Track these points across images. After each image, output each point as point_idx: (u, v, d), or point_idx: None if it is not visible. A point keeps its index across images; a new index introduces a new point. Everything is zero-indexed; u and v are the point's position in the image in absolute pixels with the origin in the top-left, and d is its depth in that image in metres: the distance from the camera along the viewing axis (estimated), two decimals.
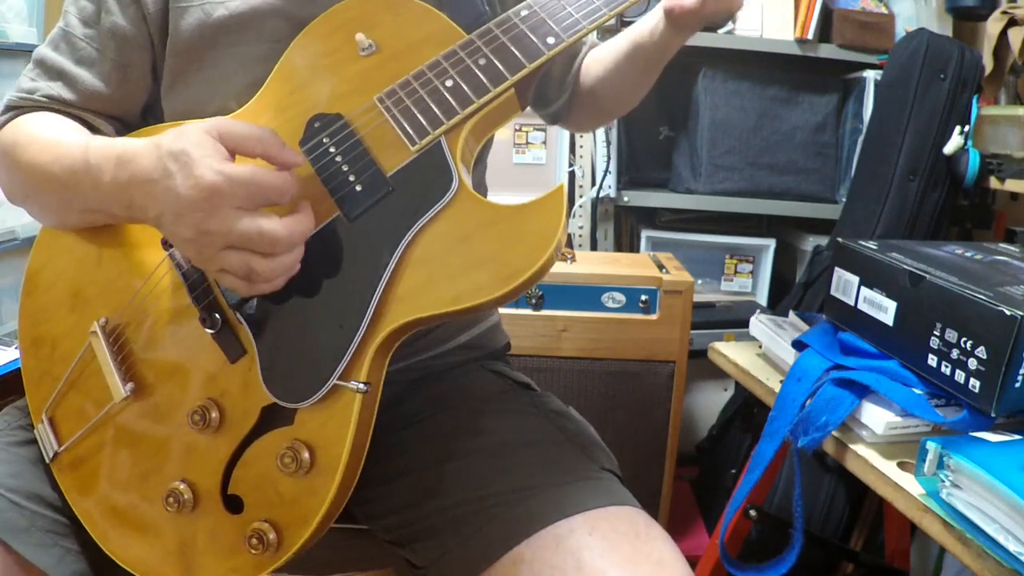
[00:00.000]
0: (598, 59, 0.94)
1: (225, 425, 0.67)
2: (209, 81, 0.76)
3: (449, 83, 0.67)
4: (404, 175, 0.66)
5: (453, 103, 0.66)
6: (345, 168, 0.67)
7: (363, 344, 0.63)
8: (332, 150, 0.68)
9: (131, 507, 0.70)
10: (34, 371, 0.76)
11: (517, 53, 0.67)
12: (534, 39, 0.68)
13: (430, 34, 0.70)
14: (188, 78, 0.76)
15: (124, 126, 0.81)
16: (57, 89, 0.77)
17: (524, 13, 0.69)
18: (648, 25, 0.85)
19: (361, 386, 0.63)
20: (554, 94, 0.97)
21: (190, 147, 0.59)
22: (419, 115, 0.67)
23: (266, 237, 0.59)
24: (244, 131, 0.61)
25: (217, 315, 0.67)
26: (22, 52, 1.51)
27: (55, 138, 0.72)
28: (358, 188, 0.66)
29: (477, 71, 0.67)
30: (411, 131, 0.66)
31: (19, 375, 0.78)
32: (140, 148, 0.64)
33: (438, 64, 0.68)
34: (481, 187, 0.93)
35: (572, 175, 1.90)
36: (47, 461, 0.73)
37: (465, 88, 0.67)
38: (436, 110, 0.66)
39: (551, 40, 0.68)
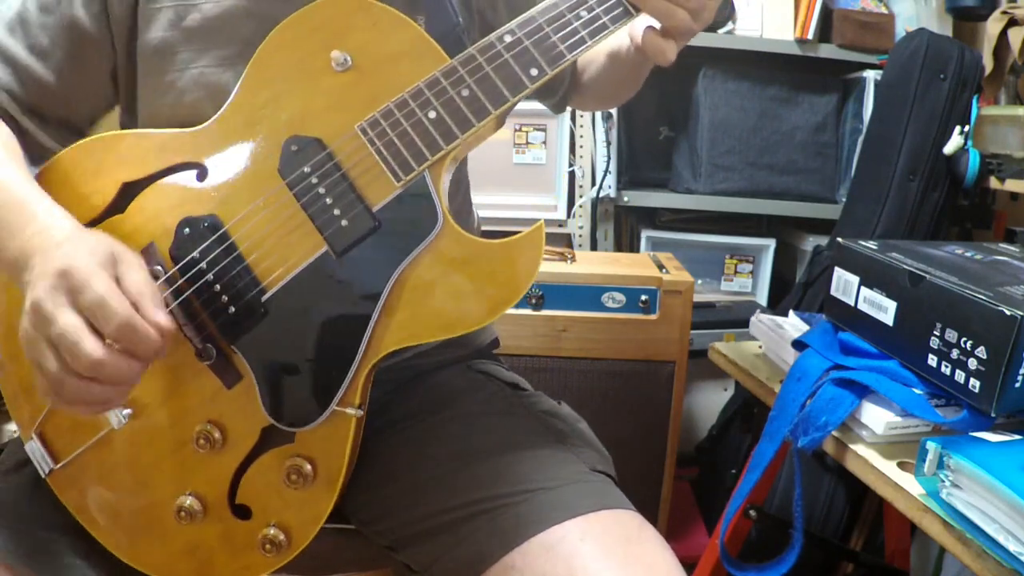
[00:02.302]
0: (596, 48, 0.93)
1: (228, 444, 0.69)
2: (179, 83, 0.74)
3: (432, 115, 0.66)
4: (390, 210, 0.66)
5: (437, 137, 0.66)
6: (330, 201, 0.67)
7: (358, 372, 0.66)
8: (315, 181, 0.67)
9: (139, 516, 0.71)
10: (14, 386, 0.73)
11: (500, 85, 0.66)
12: (517, 70, 0.67)
13: (406, 48, 0.68)
14: (159, 80, 0.75)
15: (71, 132, 0.78)
16: (4, 76, 0.74)
17: (508, 40, 0.67)
18: (622, 40, 0.82)
19: (358, 411, 0.67)
20: (551, 91, 0.96)
21: (96, 239, 0.60)
22: (403, 149, 0.66)
23: (75, 348, 0.55)
24: (136, 278, 0.59)
25: (211, 346, 0.67)
26: None
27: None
28: (344, 223, 0.66)
29: (461, 104, 0.66)
30: (395, 166, 0.66)
31: None
32: (59, 217, 0.63)
33: (421, 94, 0.67)
34: (463, 181, 0.92)
35: (572, 175, 1.90)
36: (43, 476, 0.72)
37: (449, 122, 0.66)
38: (420, 144, 0.66)
39: (534, 72, 0.67)
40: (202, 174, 0.69)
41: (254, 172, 0.68)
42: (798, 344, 0.95)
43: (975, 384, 0.74)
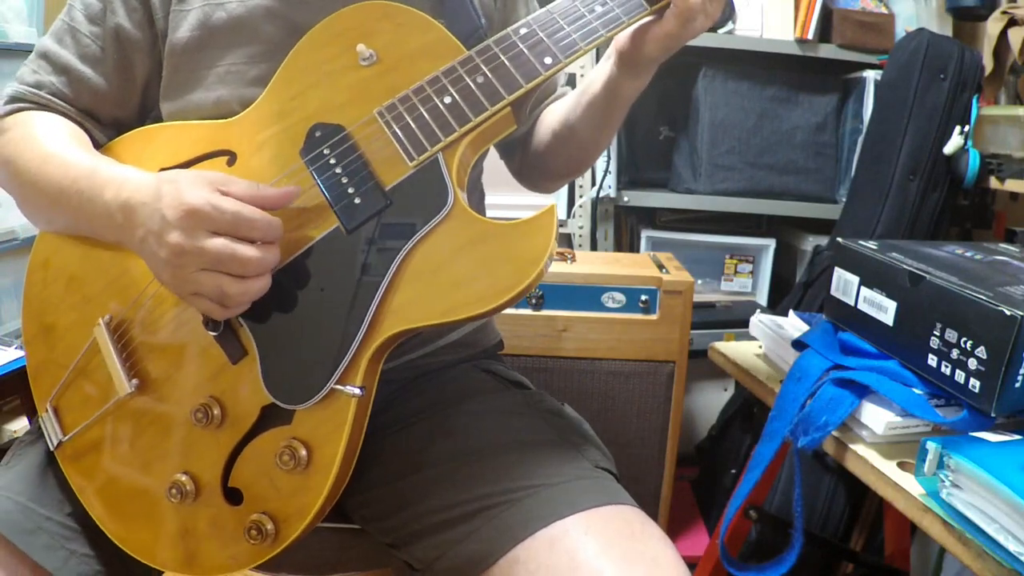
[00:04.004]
0: (551, 111, 0.92)
1: (227, 422, 0.68)
2: (205, 81, 0.77)
3: (447, 100, 0.69)
4: (402, 190, 0.68)
5: (450, 120, 0.68)
6: (345, 180, 0.69)
7: (359, 351, 0.66)
8: (333, 162, 0.69)
9: (134, 496, 0.71)
10: (38, 360, 0.77)
11: (514, 72, 0.69)
12: (531, 58, 0.69)
13: (427, 45, 0.71)
14: (187, 77, 0.77)
15: (124, 130, 0.81)
16: (60, 85, 0.78)
17: (523, 31, 0.70)
18: (599, 72, 0.82)
19: (357, 391, 0.65)
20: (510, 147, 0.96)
21: (184, 177, 0.64)
22: (417, 131, 0.68)
23: (238, 258, 0.62)
24: (241, 186, 0.65)
25: None
26: (22, 52, 1.51)
27: (58, 151, 0.73)
28: (357, 201, 0.68)
29: (475, 89, 0.69)
30: (409, 147, 0.68)
31: (19, 375, 0.78)
32: (142, 175, 0.68)
33: (437, 80, 0.69)
34: (476, 190, 0.93)
35: None
36: (51, 449, 0.74)
37: (463, 106, 0.68)
38: (434, 126, 0.68)
39: (548, 60, 0.69)
40: (232, 160, 0.73)
41: (278, 155, 0.72)
42: (798, 344, 0.95)
43: (975, 384, 0.74)
